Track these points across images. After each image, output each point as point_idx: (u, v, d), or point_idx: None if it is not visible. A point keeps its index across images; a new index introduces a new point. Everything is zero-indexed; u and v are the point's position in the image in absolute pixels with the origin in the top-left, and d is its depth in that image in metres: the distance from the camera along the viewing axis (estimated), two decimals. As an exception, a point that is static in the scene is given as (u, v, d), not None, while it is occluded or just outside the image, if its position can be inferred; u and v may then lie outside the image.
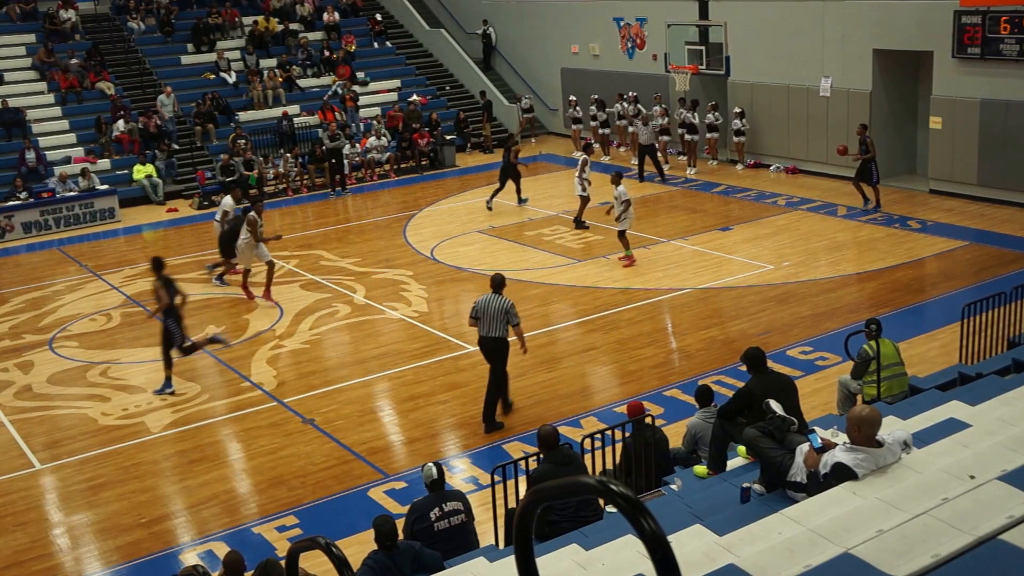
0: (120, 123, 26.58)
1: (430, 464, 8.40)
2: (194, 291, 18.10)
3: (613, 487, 2.84)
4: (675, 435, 9.90)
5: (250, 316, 16.59)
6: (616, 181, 17.93)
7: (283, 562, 7.96)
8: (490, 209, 22.12)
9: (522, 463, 9.05)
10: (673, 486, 8.31)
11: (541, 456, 8.63)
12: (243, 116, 28.08)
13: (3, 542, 10.30)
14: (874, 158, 20.13)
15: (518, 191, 22.56)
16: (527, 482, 8.56)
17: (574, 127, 28.38)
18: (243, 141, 26.33)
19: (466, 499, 8.49)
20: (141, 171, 25.56)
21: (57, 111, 27.23)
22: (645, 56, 27.74)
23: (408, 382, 13.66)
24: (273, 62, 30.17)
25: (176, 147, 26.66)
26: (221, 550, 9.67)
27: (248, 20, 31.50)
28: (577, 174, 20.29)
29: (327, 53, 30.78)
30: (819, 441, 6.48)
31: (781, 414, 7.18)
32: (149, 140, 26.49)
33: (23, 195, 23.55)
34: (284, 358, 14.76)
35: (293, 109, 28.52)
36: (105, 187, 24.51)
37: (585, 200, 20.30)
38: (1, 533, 10.49)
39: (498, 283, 12.21)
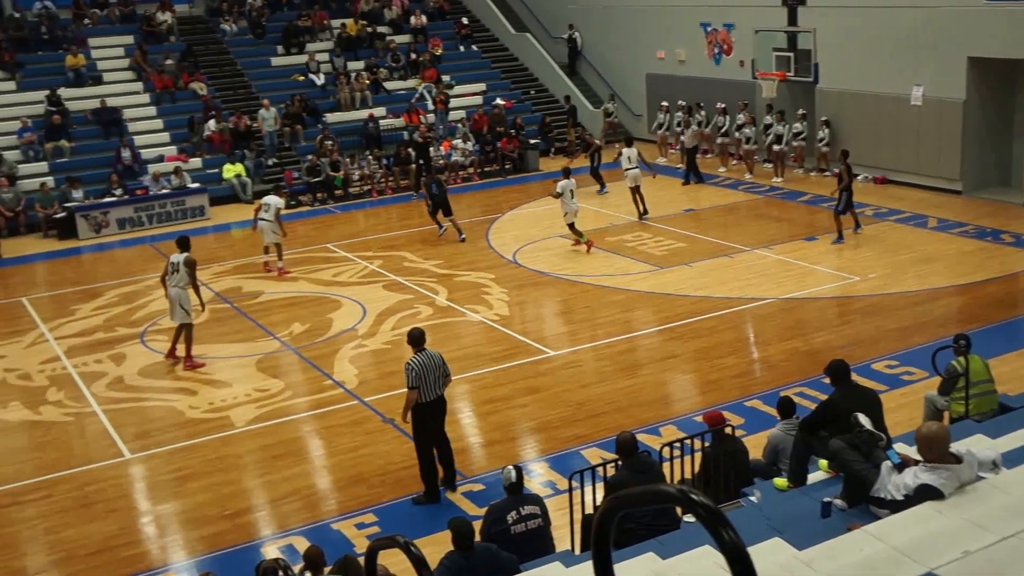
0: (211, 123, 27.18)
1: (509, 467, 8.45)
2: (281, 289, 18.46)
3: (693, 496, 2.85)
4: (755, 446, 9.80)
5: (334, 315, 16.84)
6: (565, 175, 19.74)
7: (362, 559, 8.10)
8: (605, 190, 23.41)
9: (600, 469, 9.05)
10: (752, 498, 8.24)
11: (619, 463, 8.62)
12: (330, 118, 28.51)
13: (95, 528, 10.63)
14: (848, 187, 19.11)
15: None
16: (605, 488, 8.55)
17: (660, 133, 28.22)
18: (330, 142, 26.75)
19: (543, 503, 8.52)
20: (231, 170, 26.11)
21: (152, 111, 27.95)
22: (732, 62, 27.50)
23: (487, 385, 13.75)
24: (360, 64, 30.58)
25: (263, 148, 27.15)
26: (301, 544, 9.85)
27: (337, 23, 31.98)
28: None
29: (413, 56, 31.10)
30: (897, 457, 6.38)
31: (869, 428, 7.08)
32: (239, 140, 27.05)
33: (118, 192, 24.22)
34: (366, 357, 14.95)
35: (379, 111, 28.86)
36: (196, 185, 25.09)
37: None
38: (93, 519, 10.82)
39: (418, 337, 10.83)
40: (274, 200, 19.46)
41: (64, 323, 17.31)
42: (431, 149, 26.50)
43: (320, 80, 29.82)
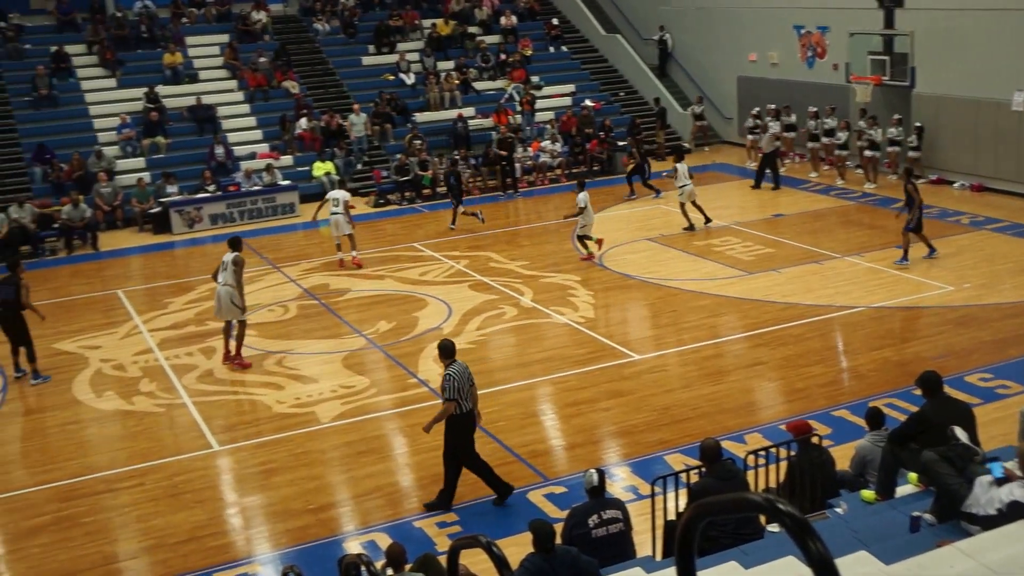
0: (303, 121, 27.61)
1: (591, 470, 8.41)
2: (368, 287, 18.66)
3: (780, 506, 2.79)
4: (842, 457, 9.60)
5: (419, 314, 16.97)
6: (580, 188, 19.55)
7: (442, 558, 8.14)
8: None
9: (683, 475, 8.97)
10: (838, 509, 8.09)
11: (703, 469, 8.53)
12: (419, 117, 28.75)
13: (183, 517, 10.86)
14: (919, 205, 17.87)
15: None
16: (688, 495, 8.47)
17: (750, 137, 27.85)
18: (419, 142, 26.96)
19: (625, 508, 8.47)
20: (321, 168, 26.48)
21: (245, 108, 28.51)
22: (825, 66, 27.03)
23: (571, 387, 13.72)
24: (450, 64, 30.78)
25: (352, 149, 27.48)
26: (383, 541, 9.93)
27: (427, 23, 32.24)
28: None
29: (503, 56, 31.20)
30: (1001, 471, 6.20)
31: (965, 442, 6.89)
32: (329, 138, 27.43)
33: (211, 188, 24.74)
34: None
35: (468, 111, 29.01)
36: (287, 183, 25.51)
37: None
38: (181, 508, 11.06)
39: (451, 349, 10.72)
40: (341, 194, 20.26)
41: (157, 316, 17.74)
42: (515, 149, 26.54)
43: (410, 80, 30.09)
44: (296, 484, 11.45)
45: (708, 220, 21.23)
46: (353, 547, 9.99)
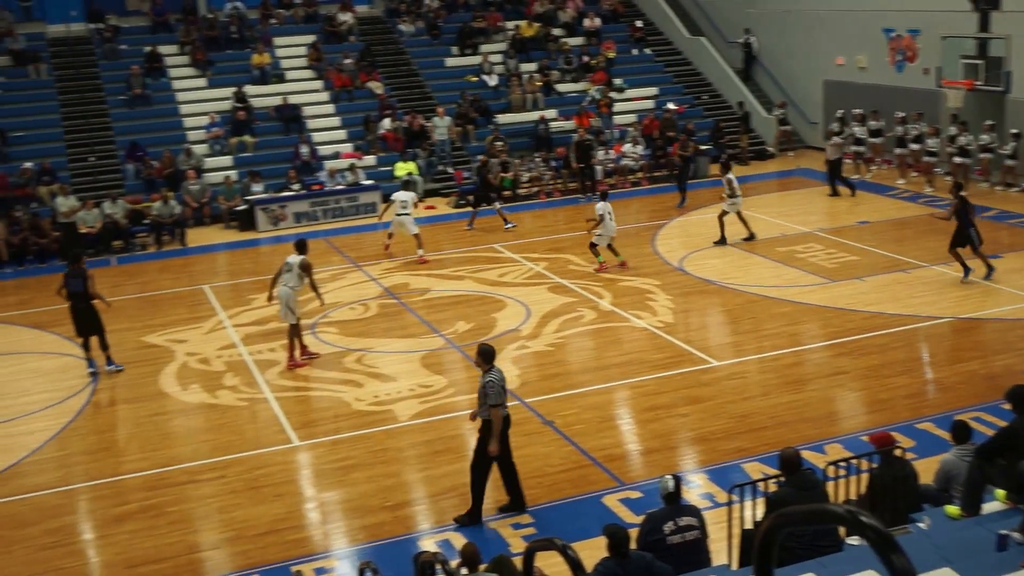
0: (386, 121, 27.90)
1: (667, 476, 8.36)
2: (447, 287, 18.78)
3: (863, 518, 2.76)
4: (925, 471, 9.40)
5: (498, 315, 17.03)
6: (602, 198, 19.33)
7: (516, 559, 8.17)
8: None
9: (761, 484, 8.86)
10: (921, 524, 7.92)
11: (781, 479, 8.42)
12: (501, 118, 28.86)
13: (263, 510, 11.05)
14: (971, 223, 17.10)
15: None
16: (766, 505, 8.36)
17: (834, 141, 27.37)
18: (500, 143, 27.06)
19: (701, 515, 8.40)
20: (403, 168, 26.71)
21: (330, 108, 28.90)
22: (915, 70, 26.48)
23: (649, 392, 13.64)
24: (533, 66, 30.83)
25: (435, 151, 27.68)
26: (458, 541, 10.00)
27: (511, 24, 32.34)
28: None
29: (586, 59, 31.15)
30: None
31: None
32: (412, 139, 27.67)
33: (296, 187, 25.13)
34: (528, 359, 15.06)
35: (550, 113, 29.03)
36: (369, 182, 25.80)
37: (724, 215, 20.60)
38: (261, 501, 11.25)
39: (492, 353, 10.64)
40: (408, 195, 21.15)
41: (241, 311, 18.07)
42: (593, 152, 26.49)
43: (493, 81, 30.21)
44: (373, 481, 11.58)
45: (751, 236, 20.67)
46: (428, 545, 10.08)
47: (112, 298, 19.34)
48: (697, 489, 10.92)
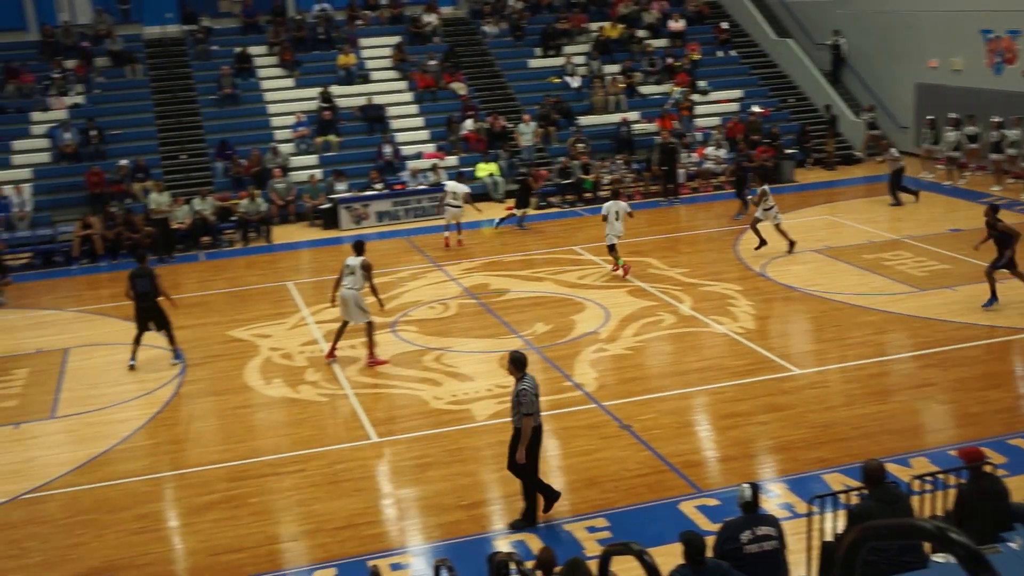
0: (468, 122, 28.04)
1: (745, 485, 8.26)
2: (527, 288, 18.80)
3: (953, 535, 2.69)
4: (1018, 489, 9.14)
5: (577, 317, 17.00)
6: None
7: (591, 562, 8.14)
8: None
9: (842, 496, 8.71)
10: (1012, 544, 7.69)
11: (864, 491, 8.26)
12: (583, 120, 28.82)
13: (341, 504, 11.19)
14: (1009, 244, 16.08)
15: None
16: (847, 517, 8.22)
17: (926, 147, 26.80)
18: (582, 145, 27.02)
19: (780, 525, 8.28)
20: (484, 169, 26.84)
21: (414, 108, 29.16)
22: (1014, 72, 25.76)
23: (728, 399, 13.49)
24: (616, 68, 30.72)
25: (518, 153, 27.73)
26: (532, 542, 10.02)
27: (595, 26, 32.26)
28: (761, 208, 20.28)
29: (670, 60, 30.94)
30: None
31: None
32: (494, 140, 27.77)
33: (379, 186, 25.40)
34: (606, 362, 15.01)
35: (632, 115, 28.90)
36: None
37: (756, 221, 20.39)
38: (340, 496, 11.40)
39: (524, 361, 10.61)
40: (459, 187, 22.49)
41: (324, 308, 18.29)
42: (676, 155, 26.28)
43: (575, 83, 30.17)
44: (450, 480, 11.64)
45: (791, 244, 20.20)
46: (503, 546, 10.10)
47: (199, 293, 19.88)
48: (776, 499, 10.76)
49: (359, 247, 15.72)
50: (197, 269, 22.23)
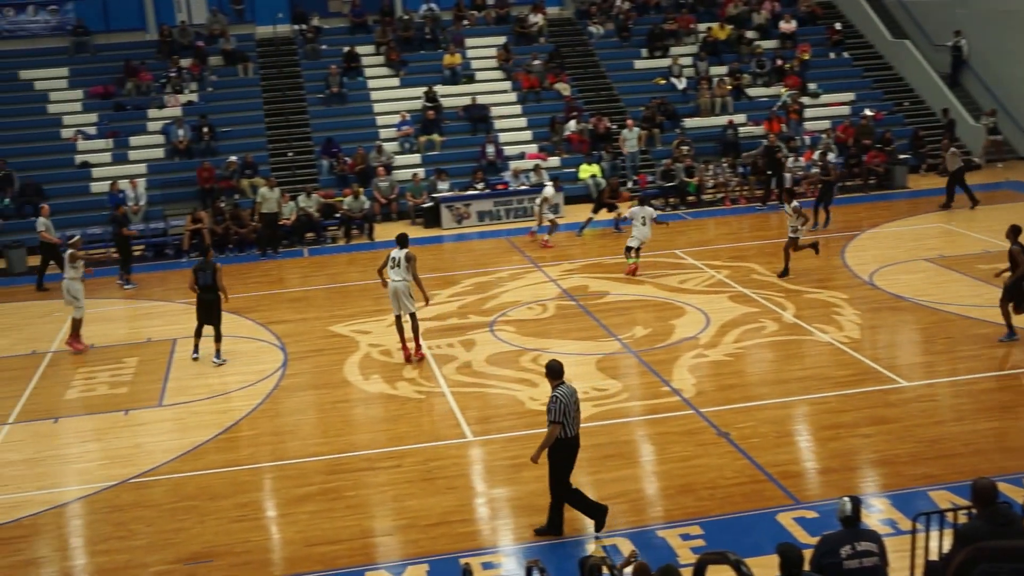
0: (572, 123, 27.97)
1: (846, 498, 8.01)
2: (626, 291, 18.68)
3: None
4: None
5: (676, 322, 16.80)
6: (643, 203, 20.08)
7: (684, 570, 8.00)
8: None
9: (949, 515, 8.41)
10: None
11: (973, 511, 7.94)
12: (689, 122, 28.52)
13: (435, 501, 11.25)
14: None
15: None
16: (954, 537, 7.91)
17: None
18: (686, 147, 26.73)
19: (881, 542, 8.01)
20: (587, 170, 26.74)
21: (517, 109, 29.21)
22: None
23: (831, 410, 13.16)
24: (724, 69, 30.31)
25: (621, 159, 27.56)
26: (624, 546, 9.92)
27: (703, 27, 31.88)
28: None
29: (779, 62, 30.39)
30: None
31: None
32: (597, 141, 27.64)
33: (480, 186, 25.50)
34: (705, 367, 14.79)
35: (739, 118, 28.47)
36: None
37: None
38: (434, 493, 11.45)
39: (558, 370, 10.39)
40: (548, 190, 22.80)
41: (421, 306, 18.42)
42: (783, 159, 25.77)
43: (681, 84, 29.87)
44: (543, 481, 11.51)
45: (786, 270, 18.96)
46: (594, 549, 10.02)
47: (302, 288, 20.27)
48: (878, 514, 10.45)
49: (403, 240, 15.76)
50: (300, 265, 22.62)
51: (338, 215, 24.59)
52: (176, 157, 26.81)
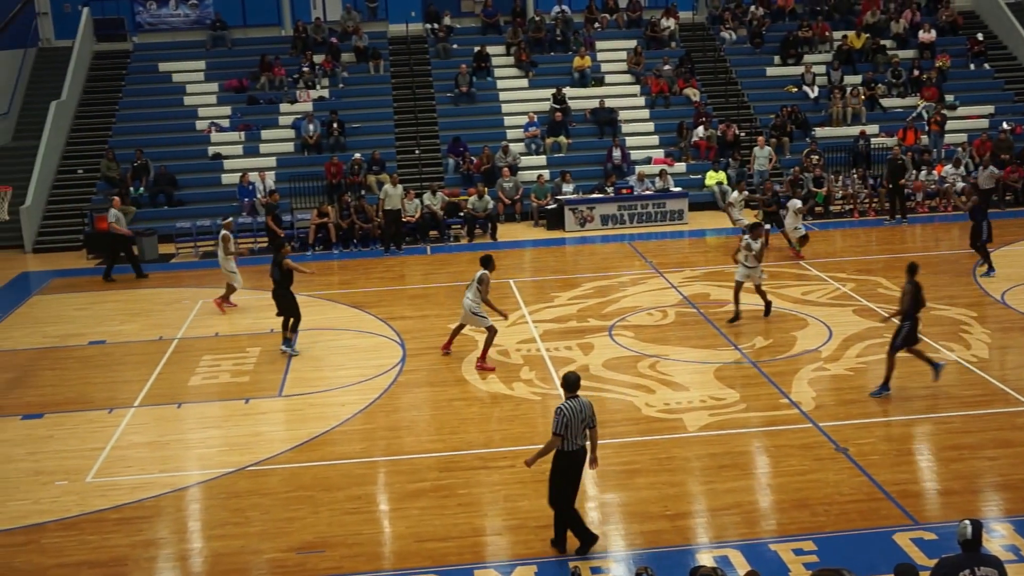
0: (700, 129, 27.74)
1: (966, 521, 7.81)
2: (748, 301, 18.42)
3: None
4: None
5: (798, 334, 16.53)
6: None
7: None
8: None
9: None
10: None
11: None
12: (819, 132, 27.99)
13: (546, 503, 11.26)
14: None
15: None
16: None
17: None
18: (816, 157, 26.23)
19: (1003, 568, 7.78)
20: (713, 177, 26.49)
21: (645, 113, 29.11)
22: None
23: (954, 430, 12.79)
24: (858, 79, 29.65)
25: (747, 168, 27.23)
26: (735, 557, 9.83)
27: (838, 35, 31.24)
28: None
29: (916, 73, 29.57)
30: None
31: None
32: (725, 148, 27.35)
33: (610, 189, 25.49)
34: (825, 381, 14.53)
35: (872, 129, 27.82)
36: (678, 189, 25.74)
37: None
38: (546, 494, 11.44)
39: (573, 382, 10.19)
40: (735, 195, 22.81)
41: (542, 308, 18.58)
42: (907, 172, 25.01)
43: (813, 93, 29.35)
44: (656, 488, 11.56)
45: (736, 315, 17.34)
46: (705, 559, 9.95)
47: (423, 285, 20.62)
48: (1000, 539, 10.12)
49: (486, 261, 15.72)
50: (423, 262, 23.00)
51: (462, 214, 24.91)
52: (305, 151, 27.54)
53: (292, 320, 16.72)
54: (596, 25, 31.84)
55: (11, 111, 29.86)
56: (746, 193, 22.94)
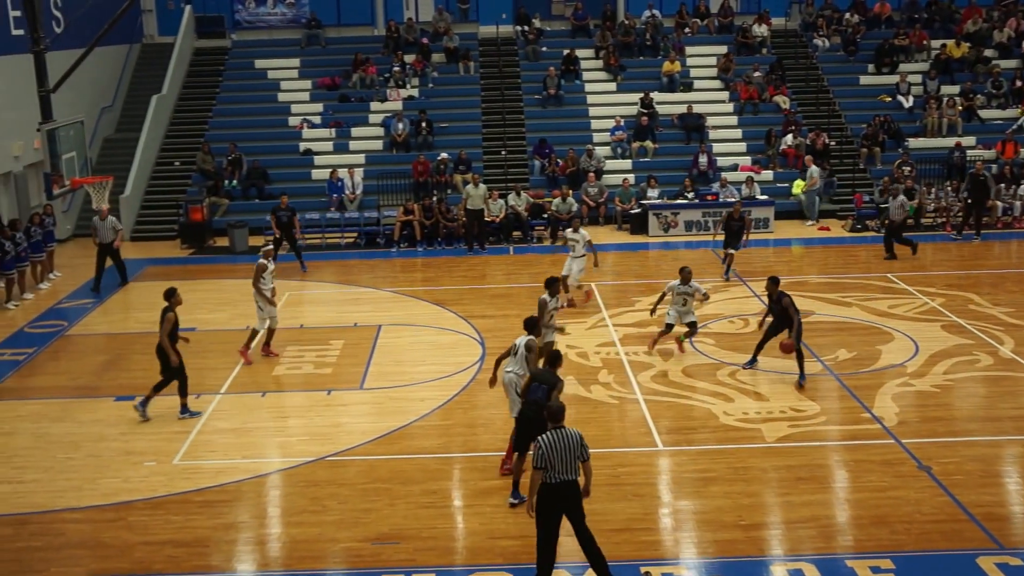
0: (788, 137, 27.37)
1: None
2: (832, 312, 18.18)
3: None
4: None
5: (883, 348, 16.23)
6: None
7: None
8: None
9: None
10: None
11: None
12: (913, 142, 27.42)
13: (620, 507, 11.29)
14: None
15: None
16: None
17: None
18: (908, 168, 25.70)
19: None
20: (800, 186, 26.11)
21: (733, 120, 28.82)
22: None
23: (1045, 453, 12.44)
24: (956, 89, 28.96)
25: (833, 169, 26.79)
26: (810, 571, 9.70)
27: (936, 44, 30.57)
28: None
29: (1019, 83, 28.77)
30: None
31: None
32: (814, 157, 26.93)
33: (690, 195, 25.32)
34: (910, 397, 14.23)
35: (968, 140, 27.16)
36: (764, 198, 25.43)
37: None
38: (620, 499, 11.49)
39: (556, 413, 9.49)
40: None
41: (623, 312, 18.52)
42: (989, 187, 24.21)
43: (908, 103, 28.77)
44: (731, 497, 11.46)
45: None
46: (779, 572, 9.84)
47: (505, 285, 20.72)
48: (1090, 567, 9.83)
49: (528, 324, 12.99)
50: (505, 262, 23.10)
51: (546, 215, 24.96)
52: (394, 149, 27.86)
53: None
54: (686, 30, 31.64)
55: (115, 104, 30.76)
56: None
